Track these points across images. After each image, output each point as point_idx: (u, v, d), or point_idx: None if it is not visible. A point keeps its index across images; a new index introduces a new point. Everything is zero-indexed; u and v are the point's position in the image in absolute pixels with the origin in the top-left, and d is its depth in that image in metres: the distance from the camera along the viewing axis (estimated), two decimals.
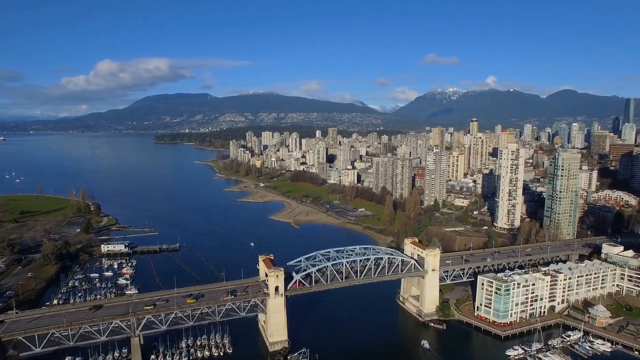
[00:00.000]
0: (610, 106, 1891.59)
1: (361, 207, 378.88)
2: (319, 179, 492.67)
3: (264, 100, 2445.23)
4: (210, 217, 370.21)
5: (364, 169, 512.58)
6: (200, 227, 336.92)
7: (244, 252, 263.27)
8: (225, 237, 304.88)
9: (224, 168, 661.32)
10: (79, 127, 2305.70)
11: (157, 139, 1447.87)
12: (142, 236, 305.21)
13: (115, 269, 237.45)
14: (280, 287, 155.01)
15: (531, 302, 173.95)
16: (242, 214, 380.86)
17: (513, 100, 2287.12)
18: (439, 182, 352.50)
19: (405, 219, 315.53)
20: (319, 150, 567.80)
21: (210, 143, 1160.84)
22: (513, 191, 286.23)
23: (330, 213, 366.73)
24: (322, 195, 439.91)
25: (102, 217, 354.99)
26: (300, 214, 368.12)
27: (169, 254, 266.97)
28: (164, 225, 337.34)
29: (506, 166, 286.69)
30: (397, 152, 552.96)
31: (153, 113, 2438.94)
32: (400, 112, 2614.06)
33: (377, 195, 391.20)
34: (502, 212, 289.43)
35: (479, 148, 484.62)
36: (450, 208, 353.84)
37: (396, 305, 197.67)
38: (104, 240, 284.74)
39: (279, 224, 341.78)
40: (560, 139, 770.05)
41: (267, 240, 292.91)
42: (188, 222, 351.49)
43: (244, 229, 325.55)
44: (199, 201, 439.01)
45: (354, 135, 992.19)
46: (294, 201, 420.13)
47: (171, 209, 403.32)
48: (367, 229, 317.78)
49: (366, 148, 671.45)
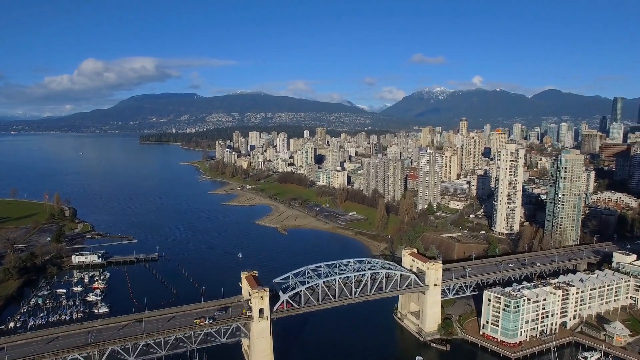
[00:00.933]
0: (594, 106, 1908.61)
1: (352, 211, 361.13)
2: (307, 180, 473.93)
3: (251, 100, 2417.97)
4: (193, 222, 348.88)
5: (353, 170, 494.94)
6: (182, 233, 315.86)
7: (228, 263, 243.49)
8: (209, 245, 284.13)
9: (209, 169, 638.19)
10: (63, 128, 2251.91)
11: (142, 139, 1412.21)
12: (119, 244, 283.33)
13: (86, 283, 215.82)
14: (266, 309, 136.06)
15: (542, 318, 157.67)
16: (227, 219, 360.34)
17: (499, 100, 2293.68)
18: (433, 184, 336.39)
19: (399, 224, 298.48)
20: (307, 151, 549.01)
21: (197, 143, 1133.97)
22: (512, 194, 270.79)
23: (320, 217, 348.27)
24: (311, 197, 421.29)
25: (77, 224, 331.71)
26: (288, 219, 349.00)
27: (146, 265, 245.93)
28: (143, 231, 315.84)
29: (505, 168, 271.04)
30: (387, 153, 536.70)
31: (139, 113, 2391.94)
32: (388, 111, 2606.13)
33: (368, 198, 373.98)
34: (500, 216, 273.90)
35: (471, 148, 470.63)
36: (445, 211, 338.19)
37: (393, 323, 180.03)
38: (76, 250, 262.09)
39: (265, 230, 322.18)
40: (549, 138, 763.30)
41: (253, 249, 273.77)
42: (169, 228, 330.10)
43: (229, 236, 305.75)
44: (182, 205, 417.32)
45: (342, 135, 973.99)
46: (282, 204, 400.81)
47: (152, 213, 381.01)
48: (359, 235, 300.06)
49: (355, 148, 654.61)
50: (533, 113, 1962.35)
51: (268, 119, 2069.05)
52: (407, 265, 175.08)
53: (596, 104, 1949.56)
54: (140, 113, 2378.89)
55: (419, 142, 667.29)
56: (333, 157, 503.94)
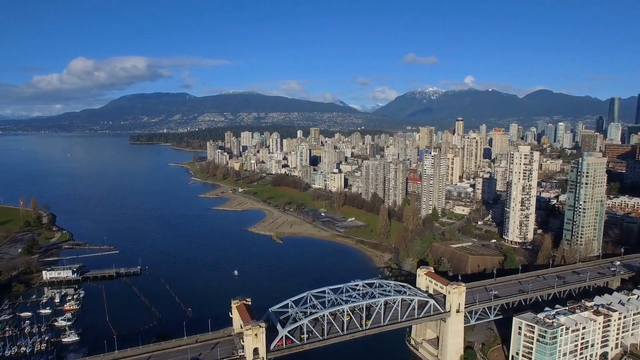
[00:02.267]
0: (585, 106, 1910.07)
1: (351, 216, 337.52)
2: (302, 183, 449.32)
3: (243, 99, 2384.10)
4: (181, 229, 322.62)
5: (350, 172, 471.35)
6: (168, 243, 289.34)
7: (218, 279, 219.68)
8: (197, 257, 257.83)
9: (200, 171, 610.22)
10: (52, 127, 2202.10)
11: (132, 139, 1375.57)
12: (99, 256, 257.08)
13: (56, 304, 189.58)
14: (261, 349, 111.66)
15: (581, 349, 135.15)
16: (218, 226, 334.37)
17: (492, 100, 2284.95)
18: (438, 188, 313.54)
19: (403, 232, 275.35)
20: (301, 152, 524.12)
21: (188, 144, 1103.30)
22: (526, 200, 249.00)
23: (317, 223, 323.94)
24: (307, 201, 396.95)
25: (55, 232, 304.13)
26: (283, 225, 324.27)
27: (127, 281, 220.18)
28: (126, 240, 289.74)
29: (518, 172, 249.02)
30: (384, 154, 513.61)
31: (130, 113, 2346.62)
32: (380, 111, 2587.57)
33: (368, 203, 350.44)
34: (513, 224, 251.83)
35: (472, 149, 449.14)
36: (450, 217, 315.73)
37: (407, 351, 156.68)
38: (50, 263, 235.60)
39: (259, 238, 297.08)
40: (547, 138, 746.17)
41: (245, 261, 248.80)
42: (155, 236, 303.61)
43: (219, 246, 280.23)
44: (170, 209, 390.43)
45: (336, 135, 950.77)
46: (276, 209, 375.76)
47: (137, 219, 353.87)
48: (360, 244, 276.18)
49: (351, 149, 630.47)
50: (525, 113, 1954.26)
51: (260, 119, 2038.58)
52: (422, 286, 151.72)
53: (587, 104, 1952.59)
54: (131, 113, 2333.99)
55: (416, 142, 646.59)
56: (329, 159, 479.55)
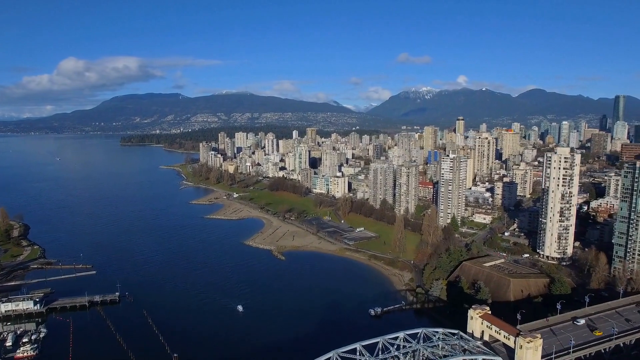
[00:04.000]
0: (577, 105, 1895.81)
1: (358, 225, 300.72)
2: (302, 188, 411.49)
3: (237, 100, 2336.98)
4: (169, 243, 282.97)
5: (354, 175, 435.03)
6: (155, 259, 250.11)
7: (211, 312, 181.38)
8: (187, 280, 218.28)
9: (192, 174, 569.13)
10: (43, 129, 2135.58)
11: (124, 140, 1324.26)
12: (72, 278, 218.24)
13: (8, 347, 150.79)
14: None
15: None
16: (211, 238, 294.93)
17: (486, 99, 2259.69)
18: (458, 194, 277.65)
19: (422, 246, 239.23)
20: (300, 154, 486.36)
21: (180, 145, 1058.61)
22: (566, 210, 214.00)
23: (322, 235, 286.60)
24: (308, 208, 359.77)
25: (25, 248, 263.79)
26: (284, 237, 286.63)
27: (102, 311, 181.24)
28: (106, 257, 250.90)
29: (557, 177, 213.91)
30: (388, 155, 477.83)
31: (122, 114, 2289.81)
32: (374, 111, 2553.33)
33: (377, 211, 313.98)
34: (550, 237, 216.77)
35: (484, 150, 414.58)
36: (470, 226, 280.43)
37: None
38: (10, 289, 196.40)
39: (258, 254, 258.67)
40: (552, 137, 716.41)
41: (244, 285, 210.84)
42: (140, 251, 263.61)
43: (213, 264, 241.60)
44: (159, 219, 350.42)
45: (333, 136, 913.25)
46: (275, 217, 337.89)
47: (121, 231, 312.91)
48: (373, 260, 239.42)
49: (351, 150, 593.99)
50: (519, 112, 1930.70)
51: (254, 119, 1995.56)
52: (476, 332, 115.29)
53: (580, 103, 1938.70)
54: (124, 114, 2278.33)
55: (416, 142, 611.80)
56: (330, 161, 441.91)
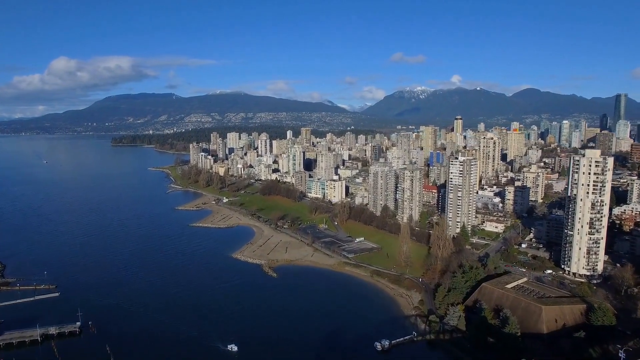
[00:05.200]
0: (571, 104, 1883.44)
1: (357, 235, 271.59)
2: (296, 192, 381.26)
3: (231, 100, 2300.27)
4: (148, 256, 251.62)
5: (351, 178, 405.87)
6: (128, 278, 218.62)
7: (199, 353, 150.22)
8: (164, 304, 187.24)
9: (181, 177, 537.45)
10: (34, 129, 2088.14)
11: (114, 141, 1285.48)
12: (30, 302, 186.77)
13: None
14: None
15: None
16: (195, 250, 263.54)
17: (480, 99, 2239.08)
18: (468, 201, 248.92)
19: (432, 261, 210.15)
20: (294, 155, 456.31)
21: (172, 146, 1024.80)
22: (596, 220, 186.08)
23: (318, 246, 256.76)
24: (303, 214, 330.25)
25: None
26: (276, 249, 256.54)
27: (58, 348, 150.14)
28: (75, 274, 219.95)
29: (586, 184, 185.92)
30: (387, 156, 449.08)
31: (115, 114, 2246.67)
32: (369, 111, 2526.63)
33: (378, 218, 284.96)
34: (577, 251, 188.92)
35: (490, 151, 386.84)
36: (481, 236, 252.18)
37: None
38: None
39: (246, 269, 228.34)
40: (552, 137, 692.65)
41: (229, 303, 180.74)
42: (114, 268, 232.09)
43: (195, 283, 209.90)
44: (140, 227, 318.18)
45: (328, 136, 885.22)
46: (267, 226, 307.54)
47: (96, 243, 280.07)
48: (376, 277, 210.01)
49: (348, 151, 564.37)
50: (513, 112, 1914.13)
51: (249, 119, 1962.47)
52: None
53: (574, 103, 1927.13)
54: (116, 114, 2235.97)
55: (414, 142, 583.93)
56: (326, 163, 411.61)
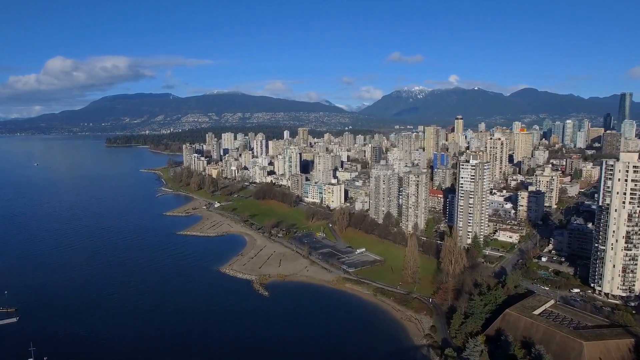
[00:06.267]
0: (569, 104, 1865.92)
1: (359, 246, 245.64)
2: (292, 196, 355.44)
3: (228, 99, 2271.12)
4: (127, 270, 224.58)
5: (350, 181, 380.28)
6: (101, 299, 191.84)
7: None
8: (143, 335, 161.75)
9: (172, 179, 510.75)
10: (29, 129, 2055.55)
11: (109, 141, 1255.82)
12: None
13: None
14: None
15: None
16: (181, 262, 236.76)
17: (478, 98, 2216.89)
18: (480, 209, 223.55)
19: (443, 278, 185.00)
20: (290, 157, 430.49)
21: (166, 146, 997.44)
22: (634, 234, 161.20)
23: (315, 258, 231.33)
24: (299, 221, 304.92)
25: None
26: (269, 261, 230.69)
27: None
28: (40, 295, 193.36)
29: (622, 192, 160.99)
30: (388, 158, 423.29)
31: (112, 114, 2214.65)
32: (367, 110, 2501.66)
33: (381, 226, 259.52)
34: (611, 269, 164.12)
35: (497, 153, 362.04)
36: (494, 247, 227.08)
37: None
38: None
39: (235, 286, 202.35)
40: (556, 137, 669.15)
41: (216, 332, 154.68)
42: (86, 285, 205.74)
43: (176, 305, 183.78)
44: (123, 237, 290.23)
45: (326, 136, 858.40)
46: (260, 234, 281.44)
47: (73, 255, 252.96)
48: (381, 295, 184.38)
49: (346, 152, 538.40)
50: (512, 111, 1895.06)
51: (246, 119, 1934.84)
52: None
53: (571, 102, 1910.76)
54: (113, 114, 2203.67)
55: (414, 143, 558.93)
56: (324, 165, 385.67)
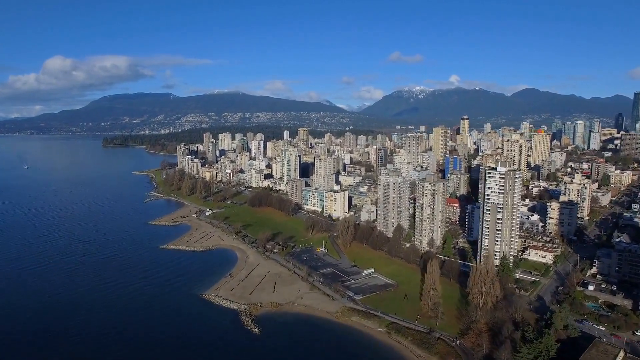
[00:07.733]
0: (571, 104, 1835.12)
1: (367, 265, 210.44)
2: (290, 203, 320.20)
3: (228, 99, 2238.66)
4: (94, 296, 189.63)
5: (354, 186, 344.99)
6: (68, 329, 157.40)
7: None
8: None
9: (164, 182, 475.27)
10: (28, 129, 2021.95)
11: (106, 142, 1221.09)
12: None
13: None
14: None
15: None
16: (158, 284, 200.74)
17: (479, 99, 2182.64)
18: (510, 224, 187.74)
19: (472, 312, 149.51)
20: (289, 160, 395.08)
21: (163, 147, 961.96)
22: None
23: (315, 281, 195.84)
24: (297, 233, 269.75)
25: None
26: (261, 285, 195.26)
27: None
28: None
29: None
30: (394, 161, 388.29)
31: (111, 114, 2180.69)
32: (367, 110, 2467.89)
33: (391, 242, 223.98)
34: None
35: (515, 156, 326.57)
36: (525, 269, 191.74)
37: None
38: None
39: (220, 318, 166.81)
40: (567, 138, 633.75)
41: None
42: (48, 311, 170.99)
43: (144, 347, 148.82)
44: (100, 250, 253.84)
45: (327, 136, 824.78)
46: (253, 249, 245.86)
47: (34, 276, 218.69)
48: (396, 334, 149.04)
49: (349, 154, 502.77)
50: (513, 112, 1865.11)
51: (246, 119, 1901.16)
52: None
53: (573, 103, 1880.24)
54: (112, 114, 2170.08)
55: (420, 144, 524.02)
56: (325, 169, 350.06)
